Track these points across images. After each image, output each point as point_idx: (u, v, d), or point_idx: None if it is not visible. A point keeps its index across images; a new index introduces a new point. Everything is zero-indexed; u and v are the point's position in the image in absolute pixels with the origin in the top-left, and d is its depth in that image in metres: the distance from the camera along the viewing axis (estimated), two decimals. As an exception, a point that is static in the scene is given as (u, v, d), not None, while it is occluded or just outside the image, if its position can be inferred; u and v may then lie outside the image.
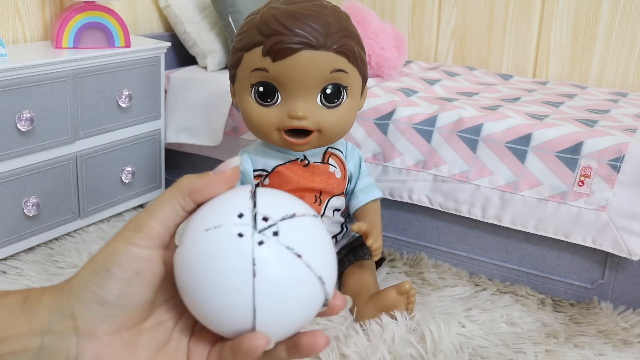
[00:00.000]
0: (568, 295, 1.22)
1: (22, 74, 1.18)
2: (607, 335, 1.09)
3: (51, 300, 0.38)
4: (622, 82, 1.72)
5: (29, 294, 0.39)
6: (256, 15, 0.99)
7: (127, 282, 0.37)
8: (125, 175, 1.44)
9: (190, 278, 0.36)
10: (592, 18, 1.72)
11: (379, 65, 1.52)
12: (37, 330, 0.37)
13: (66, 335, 0.37)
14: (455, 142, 1.24)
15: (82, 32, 1.35)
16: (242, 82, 1.02)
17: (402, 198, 1.29)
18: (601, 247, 1.13)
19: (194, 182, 0.38)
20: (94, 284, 0.37)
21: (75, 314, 0.37)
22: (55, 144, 1.27)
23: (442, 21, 1.91)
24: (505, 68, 1.86)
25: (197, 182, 0.38)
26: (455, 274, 1.28)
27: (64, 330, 0.37)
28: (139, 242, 0.37)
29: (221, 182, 0.38)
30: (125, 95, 1.38)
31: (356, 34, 1.01)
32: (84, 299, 0.37)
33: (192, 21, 1.59)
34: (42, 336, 0.37)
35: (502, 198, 1.20)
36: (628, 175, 1.11)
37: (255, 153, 1.09)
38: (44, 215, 1.28)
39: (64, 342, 0.37)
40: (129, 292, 0.37)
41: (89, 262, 0.38)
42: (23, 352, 0.37)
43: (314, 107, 1.00)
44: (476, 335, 1.05)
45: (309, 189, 1.04)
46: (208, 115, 1.46)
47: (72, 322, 0.37)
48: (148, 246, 0.37)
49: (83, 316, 0.37)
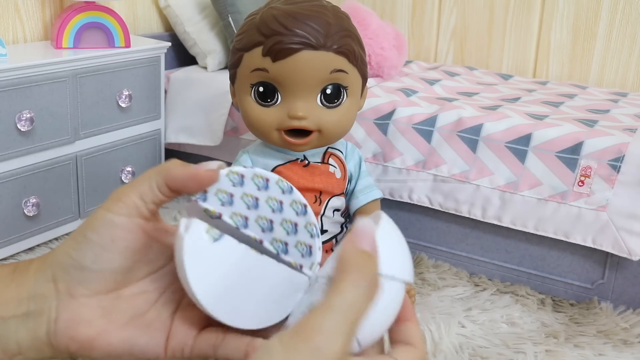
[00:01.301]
0: (568, 295, 1.22)
1: (22, 74, 1.17)
2: (607, 335, 1.09)
3: (37, 267, 0.40)
4: (622, 82, 1.72)
5: (18, 264, 0.41)
6: (256, 15, 0.99)
7: (102, 248, 0.39)
8: (125, 176, 1.44)
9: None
10: (592, 18, 1.72)
11: (379, 65, 1.52)
12: (25, 296, 0.39)
13: (48, 299, 0.39)
14: (455, 142, 1.24)
15: (82, 32, 1.35)
16: (242, 82, 1.02)
17: (402, 198, 1.29)
18: (601, 247, 1.13)
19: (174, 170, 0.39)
20: (72, 249, 0.39)
21: (56, 278, 0.39)
22: (55, 144, 1.27)
23: (442, 21, 1.91)
24: (505, 68, 1.86)
25: (175, 171, 0.39)
26: (455, 274, 1.28)
27: (46, 294, 0.39)
28: (115, 210, 0.39)
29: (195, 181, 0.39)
30: (125, 95, 1.38)
31: (356, 34, 1.01)
32: (63, 263, 0.39)
33: (192, 21, 1.59)
34: (28, 301, 0.39)
35: (502, 198, 1.20)
36: (628, 175, 1.11)
37: (255, 153, 1.09)
38: (44, 215, 1.28)
39: (45, 305, 0.39)
40: (103, 257, 0.39)
41: (73, 231, 0.40)
42: (12, 317, 0.39)
43: (314, 107, 1.00)
44: (476, 335, 1.05)
45: (309, 189, 1.04)
46: (208, 115, 1.46)
47: (54, 285, 0.39)
48: (124, 214, 0.39)
49: (62, 279, 0.39)
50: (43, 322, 0.39)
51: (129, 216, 0.39)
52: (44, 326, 0.39)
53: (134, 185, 0.40)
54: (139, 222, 0.40)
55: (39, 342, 0.39)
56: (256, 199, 0.41)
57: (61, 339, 0.39)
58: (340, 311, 0.33)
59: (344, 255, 0.35)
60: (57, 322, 0.39)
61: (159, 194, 0.40)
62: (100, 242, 0.39)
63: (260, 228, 0.40)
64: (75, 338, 0.39)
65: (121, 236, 0.39)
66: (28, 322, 0.39)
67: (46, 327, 0.39)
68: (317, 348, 0.31)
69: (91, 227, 0.39)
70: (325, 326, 0.32)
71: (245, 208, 0.40)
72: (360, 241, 0.36)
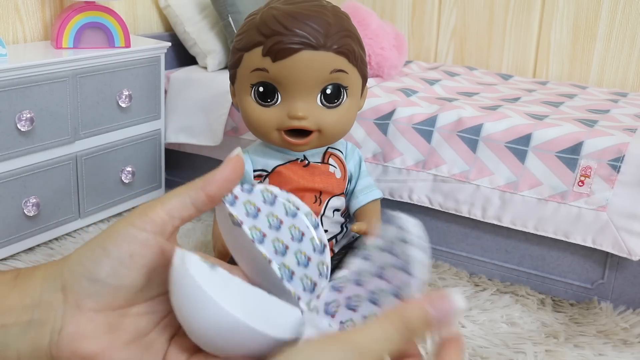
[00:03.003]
0: (568, 295, 1.22)
1: (22, 74, 1.17)
2: (607, 335, 1.09)
3: (44, 274, 0.39)
4: (622, 82, 1.72)
5: (20, 271, 0.40)
6: (256, 15, 0.99)
7: (119, 262, 0.37)
8: (125, 175, 1.44)
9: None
10: (592, 18, 1.72)
11: (379, 65, 1.52)
12: (28, 304, 0.38)
13: (54, 308, 0.38)
14: (455, 142, 1.24)
15: (82, 32, 1.35)
16: (242, 82, 1.02)
17: (402, 198, 1.29)
18: (601, 247, 1.13)
19: (206, 176, 0.39)
20: (88, 260, 0.38)
21: (65, 287, 0.38)
22: (55, 144, 1.27)
23: (442, 21, 1.91)
24: (505, 68, 1.86)
25: (208, 175, 0.39)
26: (455, 274, 1.28)
27: (52, 303, 0.38)
28: (139, 224, 0.38)
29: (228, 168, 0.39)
30: (125, 95, 1.38)
31: (356, 34, 1.02)
32: (76, 273, 0.38)
33: (192, 21, 1.59)
34: (32, 309, 0.38)
35: (502, 198, 1.20)
36: (628, 175, 1.11)
37: (255, 153, 1.09)
38: (44, 215, 1.28)
39: (51, 314, 0.38)
40: (119, 272, 0.38)
41: (89, 241, 0.39)
42: (13, 325, 0.38)
43: (314, 107, 1.00)
44: (476, 335, 1.05)
45: (309, 189, 1.04)
46: (208, 115, 1.46)
47: (62, 294, 0.38)
48: (147, 230, 0.38)
49: (72, 290, 0.38)
50: (46, 332, 0.37)
51: (152, 233, 0.38)
52: (47, 337, 0.38)
53: (162, 200, 0.39)
54: (160, 241, 0.39)
55: (39, 352, 0.38)
56: (280, 222, 0.40)
57: (63, 352, 0.38)
58: (374, 339, 0.34)
59: (410, 304, 0.36)
60: (61, 333, 0.37)
61: (191, 209, 0.39)
62: (118, 256, 0.37)
63: (274, 249, 0.40)
64: (77, 352, 0.37)
65: (141, 253, 0.38)
66: (30, 331, 0.38)
67: (49, 338, 0.38)
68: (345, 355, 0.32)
69: (111, 240, 0.38)
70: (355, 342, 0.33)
71: (267, 226, 0.40)
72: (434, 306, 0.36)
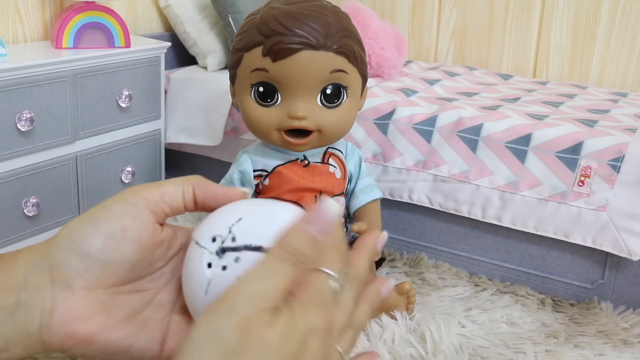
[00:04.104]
0: (568, 295, 1.22)
1: (22, 74, 1.17)
2: (607, 335, 1.09)
3: (28, 256, 0.37)
4: (622, 82, 1.72)
5: (3, 254, 0.38)
6: (256, 15, 0.99)
7: (110, 236, 0.37)
8: (125, 175, 1.44)
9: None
10: (592, 18, 1.72)
11: (379, 65, 1.52)
12: (12, 286, 0.36)
13: (42, 289, 0.36)
14: (455, 142, 1.24)
15: (82, 32, 1.35)
16: (242, 82, 1.02)
17: (402, 198, 1.29)
18: (601, 247, 1.13)
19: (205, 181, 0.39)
20: (77, 235, 0.37)
21: (52, 266, 0.36)
22: (55, 144, 1.27)
23: (442, 21, 1.91)
24: (505, 68, 1.86)
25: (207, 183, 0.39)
26: (455, 274, 1.28)
27: (39, 284, 0.36)
28: (132, 199, 0.37)
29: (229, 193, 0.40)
30: (125, 95, 1.38)
31: (356, 34, 1.02)
32: (65, 249, 0.37)
33: (192, 21, 1.59)
34: (17, 292, 0.36)
35: (502, 198, 1.20)
36: (628, 175, 1.11)
37: (255, 153, 1.09)
38: (44, 215, 1.28)
39: (39, 296, 0.36)
40: (110, 246, 0.37)
41: (78, 217, 0.38)
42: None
43: (314, 107, 1.00)
44: (476, 335, 1.05)
45: (309, 189, 1.04)
46: (208, 115, 1.46)
47: (49, 274, 0.36)
48: (140, 205, 0.37)
49: (61, 268, 0.36)
50: (35, 315, 0.36)
51: (146, 209, 0.37)
52: (37, 320, 0.36)
53: (157, 184, 0.39)
54: (153, 218, 0.38)
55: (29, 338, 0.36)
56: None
57: (55, 335, 0.36)
58: (260, 278, 0.32)
59: (289, 231, 0.34)
60: (53, 315, 0.36)
61: (180, 202, 0.38)
62: (109, 230, 0.36)
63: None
64: (71, 334, 0.36)
65: (132, 227, 0.37)
66: (17, 315, 0.36)
67: (39, 321, 0.36)
68: (232, 306, 0.31)
69: (103, 214, 0.37)
70: (244, 290, 0.32)
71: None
72: (313, 224, 0.34)
